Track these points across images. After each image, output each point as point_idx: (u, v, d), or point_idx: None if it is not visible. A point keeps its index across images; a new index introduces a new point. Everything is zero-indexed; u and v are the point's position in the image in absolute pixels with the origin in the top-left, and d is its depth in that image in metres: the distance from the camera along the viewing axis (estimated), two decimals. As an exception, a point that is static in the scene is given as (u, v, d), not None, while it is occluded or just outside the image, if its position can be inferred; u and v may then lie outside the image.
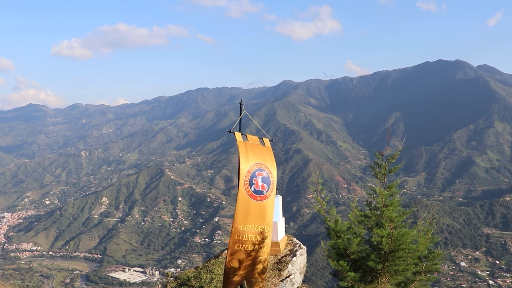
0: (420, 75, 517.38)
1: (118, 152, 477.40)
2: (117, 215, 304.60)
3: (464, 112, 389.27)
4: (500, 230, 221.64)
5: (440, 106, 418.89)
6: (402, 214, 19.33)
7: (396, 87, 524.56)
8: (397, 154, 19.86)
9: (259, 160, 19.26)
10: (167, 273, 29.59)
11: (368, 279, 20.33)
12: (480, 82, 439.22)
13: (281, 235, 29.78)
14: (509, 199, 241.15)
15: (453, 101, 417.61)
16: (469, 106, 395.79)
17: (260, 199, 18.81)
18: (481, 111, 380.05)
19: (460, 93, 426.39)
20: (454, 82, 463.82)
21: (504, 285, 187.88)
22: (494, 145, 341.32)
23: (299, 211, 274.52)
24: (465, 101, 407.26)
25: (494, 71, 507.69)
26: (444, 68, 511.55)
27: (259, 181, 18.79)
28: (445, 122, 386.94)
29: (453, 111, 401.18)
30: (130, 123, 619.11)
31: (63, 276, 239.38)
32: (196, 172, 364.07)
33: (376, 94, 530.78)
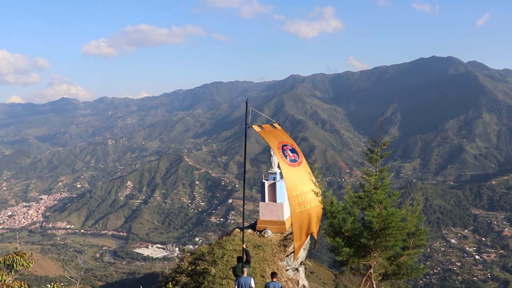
0: (416, 70, 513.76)
1: (141, 141, 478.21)
2: (141, 197, 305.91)
3: (455, 104, 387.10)
4: (486, 211, 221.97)
5: (433, 98, 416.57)
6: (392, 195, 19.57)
7: (394, 80, 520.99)
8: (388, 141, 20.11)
9: (280, 139, 22.11)
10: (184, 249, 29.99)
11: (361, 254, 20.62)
12: (470, 76, 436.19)
13: (286, 215, 30.08)
14: (495, 183, 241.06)
15: (446, 93, 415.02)
16: (460, 98, 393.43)
17: (297, 165, 21.40)
18: (471, 103, 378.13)
19: (451, 87, 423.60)
20: (446, 76, 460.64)
21: (489, 259, 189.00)
22: (482, 134, 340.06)
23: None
24: (456, 94, 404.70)
25: (482, 67, 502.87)
26: (437, 64, 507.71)
27: (289, 152, 21.60)
28: (438, 113, 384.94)
29: (446, 103, 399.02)
30: (152, 114, 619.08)
31: (93, 251, 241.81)
32: (211, 158, 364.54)
33: (376, 87, 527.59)
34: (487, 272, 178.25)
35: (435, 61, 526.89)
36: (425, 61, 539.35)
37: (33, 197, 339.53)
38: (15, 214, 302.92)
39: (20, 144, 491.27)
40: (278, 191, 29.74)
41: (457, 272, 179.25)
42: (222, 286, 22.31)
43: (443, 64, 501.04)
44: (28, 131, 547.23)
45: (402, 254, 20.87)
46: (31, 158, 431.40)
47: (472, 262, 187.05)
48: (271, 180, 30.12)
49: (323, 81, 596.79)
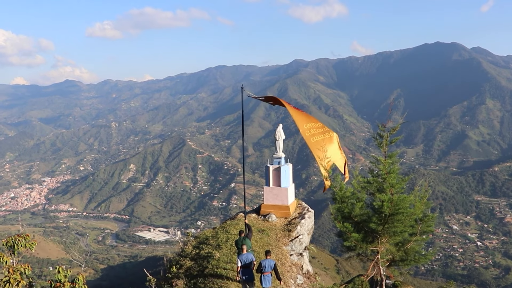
0: (420, 56, 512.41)
1: (144, 124, 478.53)
2: (143, 180, 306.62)
3: (458, 90, 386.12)
4: (489, 197, 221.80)
5: (437, 84, 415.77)
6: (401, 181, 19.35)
7: (398, 66, 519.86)
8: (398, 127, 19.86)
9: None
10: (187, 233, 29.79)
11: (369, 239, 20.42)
12: (474, 63, 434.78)
13: (291, 200, 29.86)
14: (497, 169, 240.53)
15: (449, 79, 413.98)
16: (463, 84, 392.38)
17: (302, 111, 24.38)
18: (474, 89, 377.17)
19: (455, 73, 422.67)
20: (450, 62, 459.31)
21: (491, 246, 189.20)
22: (485, 120, 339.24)
23: (308, 178, 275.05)
24: (460, 80, 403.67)
25: (486, 53, 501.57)
26: (441, 50, 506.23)
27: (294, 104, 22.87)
28: (442, 98, 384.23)
29: (449, 89, 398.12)
30: (155, 97, 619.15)
31: (95, 234, 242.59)
32: (214, 142, 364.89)
33: (379, 72, 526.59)
34: (488, 259, 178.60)
35: (439, 47, 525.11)
36: (429, 47, 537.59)
37: (36, 179, 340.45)
38: (17, 196, 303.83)
39: (24, 126, 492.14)
40: (282, 176, 29.55)
41: (459, 258, 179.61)
42: (227, 271, 22.12)
43: (447, 50, 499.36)
44: (31, 113, 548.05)
45: (410, 240, 20.74)
46: (35, 140, 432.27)
47: (474, 249, 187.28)
48: (275, 165, 29.92)
49: (326, 66, 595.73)
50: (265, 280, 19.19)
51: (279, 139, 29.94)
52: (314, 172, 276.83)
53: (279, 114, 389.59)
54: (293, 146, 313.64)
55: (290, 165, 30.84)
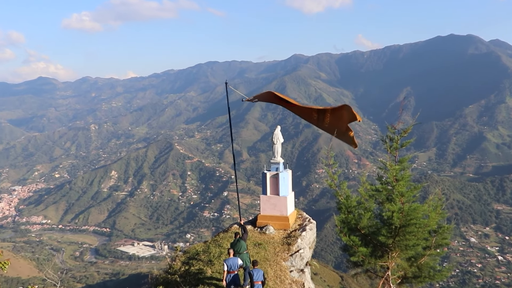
0: (432, 50, 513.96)
1: (127, 126, 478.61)
2: (126, 189, 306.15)
3: (475, 87, 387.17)
4: (510, 206, 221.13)
5: (451, 81, 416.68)
6: (413, 189, 19.30)
7: (408, 61, 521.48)
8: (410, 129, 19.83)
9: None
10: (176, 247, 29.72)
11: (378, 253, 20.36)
12: (492, 57, 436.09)
13: (290, 210, 29.85)
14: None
15: (465, 76, 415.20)
16: (480, 81, 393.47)
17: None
18: (493, 86, 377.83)
19: (471, 68, 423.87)
20: (465, 56, 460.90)
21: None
22: (506, 121, 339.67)
23: (308, 186, 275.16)
24: (477, 76, 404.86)
25: (506, 46, 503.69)
26: (456, 43, 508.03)
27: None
28: (457, 97, 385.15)
29: (465, 86, 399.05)
30: (140, 97, 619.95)
31: (72, 249, 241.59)
32: (205, 146, 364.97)
33: (387, 68, 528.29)
34: (511, 275, 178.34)
35: (454, 40, 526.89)
36: (442, 40, 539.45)
37: (5, 188, 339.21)
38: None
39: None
40: (281, 183, 29.59)
41: (478, 274, 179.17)
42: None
43: (462, 43, 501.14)
44: (0, 114, 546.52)
45: (423, 254, 20.66)
46: (3, 144, 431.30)
47: (495, 264, 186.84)
48: (273, 171, 29.98)
49: (329, 62, 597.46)
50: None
51: (277, 142, 29.97)
52: (316, 179, 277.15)
53: (276, 115, 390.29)
54: (292, 150, 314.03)
55: (289, 171, 30.85)
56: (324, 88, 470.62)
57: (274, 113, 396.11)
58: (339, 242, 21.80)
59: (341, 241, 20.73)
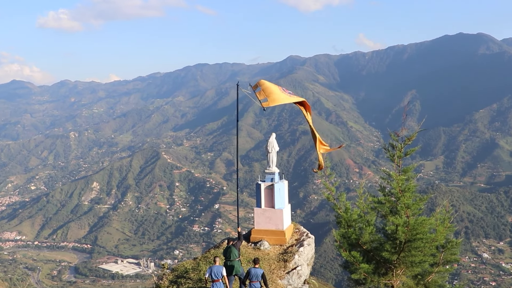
0: (439, 50, 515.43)
1: (110, 133, 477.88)
2: (109, 201, 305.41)
3: (486, 90, 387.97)
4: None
5: (460, 84, 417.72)
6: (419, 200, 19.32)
7: (413, 63, 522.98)
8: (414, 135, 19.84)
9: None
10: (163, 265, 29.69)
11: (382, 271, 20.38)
12: (505, 57, 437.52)
13: (286, 223, 29.84)
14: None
15: (475, 78, 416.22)
16: (492, 83, 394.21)
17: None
18: (506, 89, 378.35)
19: (482, 69, 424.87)
20: (476, 57, 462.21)
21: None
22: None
23: (306, 198, 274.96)
24: (488, 78, 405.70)
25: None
26: (465, 42, 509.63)
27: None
28: (466, 101, 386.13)
29: (475, 89, 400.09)
30: (123, 102, 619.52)
31: (49, 268, 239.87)
32: (194, 155, 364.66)
33: (391, 70, 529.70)
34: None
35: (463, 38, 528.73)
36: (450, 39, 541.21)
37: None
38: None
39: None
40: (276, 195, 29.55)
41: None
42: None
43: (472, 43, 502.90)
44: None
45: (431, 271, 20.68)
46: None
47: (510, 281, 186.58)
48: (268, 182, 29.94)
49: (327, 64, 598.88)
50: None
51: (272, 151, 29.97)
52: (314, 190, 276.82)
53: (271, 121, 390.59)
54: (288, 159, 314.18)
55: (285, 182, 30.86)
56: (322, 92, 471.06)
57: (269, 119, 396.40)
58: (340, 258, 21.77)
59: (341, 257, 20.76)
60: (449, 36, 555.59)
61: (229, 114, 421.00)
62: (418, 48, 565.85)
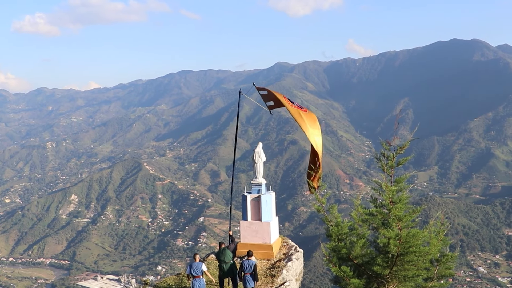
0: (432, 56, 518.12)
1: (89, 143, 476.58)
2: (88, 215, 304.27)
3: (481, 98, 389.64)
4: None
5: (454, 92, 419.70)
6: (411, 212, 19.35)
7: (405, 69, 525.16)
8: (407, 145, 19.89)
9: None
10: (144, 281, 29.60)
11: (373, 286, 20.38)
12: (500, 64, 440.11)
13: (274, 237, 29.83)
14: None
15: (470, 85, 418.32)
16: (487, 91, 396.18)
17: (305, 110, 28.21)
18: (501, 97, 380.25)
19: (477, 77, 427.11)
20: (470, 64, 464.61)
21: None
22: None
23: (295, 210, 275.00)
24: (483, 86, 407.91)
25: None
26: (459, 49, 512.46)
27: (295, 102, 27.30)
28: (461, 109, 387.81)
29: (470, 97, 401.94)
30: (103, 111, 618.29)
31: (25, 286, 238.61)
32: (178, 166, 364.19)
33: (382, 77, 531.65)
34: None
35: (457, 45, 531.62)
36: (444, 46, 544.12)
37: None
38: None
39: None
40: (263, 207, 29.59)
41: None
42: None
43: (466, 49, 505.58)
44: None
45: (425, 286, 20.68)
46: None
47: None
48: (254, 193, 30.00)
49: (317, 70, 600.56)
50: (247, 280, 23.86)
51: (258, 161, 30.03)
52: (303, 202, 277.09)
53: (258, 130, 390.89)
54: (276, 170, 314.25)
55: (272, 193, 30.89)
56: (311, 100, 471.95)
57: (256, 128, 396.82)
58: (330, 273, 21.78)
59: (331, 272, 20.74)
60: (442, 42, 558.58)
61: (214, 123, 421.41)
62: (410, 54, 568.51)
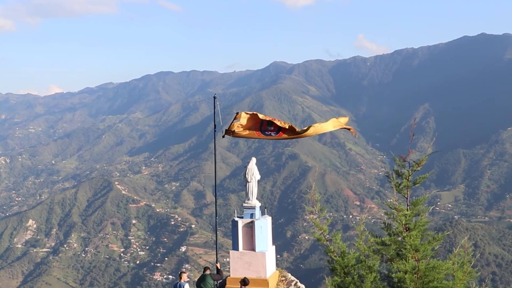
0: (457, 54, 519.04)
1: (50, 159, 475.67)
2: (48, 244, 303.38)
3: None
4: None
5: (483, 96, 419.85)
6: (431, 240, 19.36)
7: (425, 70, 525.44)
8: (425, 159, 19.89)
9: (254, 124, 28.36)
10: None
11: (387, 328, 20.39)
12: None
13: (270, 270, 29.78)
14: None
15: (501, 88, 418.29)
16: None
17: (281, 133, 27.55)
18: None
19: (510, 78, 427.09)
20: (502, 63, 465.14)
21: None
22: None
23: (295, 238, 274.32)
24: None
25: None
26: (489, 45, 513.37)
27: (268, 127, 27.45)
28: (491, 116, 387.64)
29: (501, 102, 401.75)
30: (67, 119, 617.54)
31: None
32: (156, 185, 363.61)
33: (398, 79, 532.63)
34: None
35: (485, 40, 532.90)
36: (471, 41, 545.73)
37: None
38: None
39: None
40: (257, 235, 29.50)
41: None
42: None
43: (496, 45, 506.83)
44: None
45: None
46: None
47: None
48: (247, 218, 29.91)
49: (320, 71, 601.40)
50: None
51: (251, 180, 30.01)
52: (305, 228, 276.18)
53: (251, 143, 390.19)
54: (272, 189, 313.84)
55: (268, 218, 30.85)
56: (314, 106, 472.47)
57: (248, 140, 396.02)
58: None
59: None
60: (468, 38, 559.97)
61: (199, 134, 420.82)
62: (431, 52, 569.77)
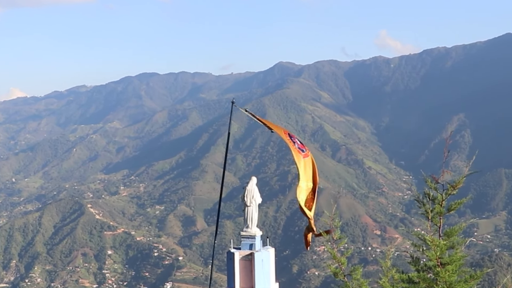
0: (498, 55, 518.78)
1: (10, 176, 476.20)
2: (7, 278, 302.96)
3: None
4: None
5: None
6: (468, 278, 19.30)
7: (459, 73, 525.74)
8: (461, 181, 19.82)
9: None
10: None
11: None
12: None
13: (273, 314, 29.61)
14: None
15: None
16: None
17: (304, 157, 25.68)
18: None
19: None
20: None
21: None
22: None
23: (303, 273, 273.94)
24: None
25: None
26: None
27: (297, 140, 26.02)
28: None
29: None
30: (30, 129, 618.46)
31: None
32: (136, 209, 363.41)
33: (427, 84, 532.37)
34: None
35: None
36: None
37: None
38: None
39: None
40: (258, 269, 29.33)
41: None
42: None
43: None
44: None
45: None
46: None
47: None
48: (245, 250, 29.72)
49: (334, 74, 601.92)
50: None
51: (251, 203, 29.86)
52: (314, 261, 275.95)
53: (250, 159, 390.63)
54: (276, 215, 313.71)
55: (271, 249, 30.71)
56: (326, 116, 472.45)
57: (247, 155, 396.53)
58: None
59: None
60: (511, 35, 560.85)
61: (189, 148, 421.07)
62: (467, 52, 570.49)
